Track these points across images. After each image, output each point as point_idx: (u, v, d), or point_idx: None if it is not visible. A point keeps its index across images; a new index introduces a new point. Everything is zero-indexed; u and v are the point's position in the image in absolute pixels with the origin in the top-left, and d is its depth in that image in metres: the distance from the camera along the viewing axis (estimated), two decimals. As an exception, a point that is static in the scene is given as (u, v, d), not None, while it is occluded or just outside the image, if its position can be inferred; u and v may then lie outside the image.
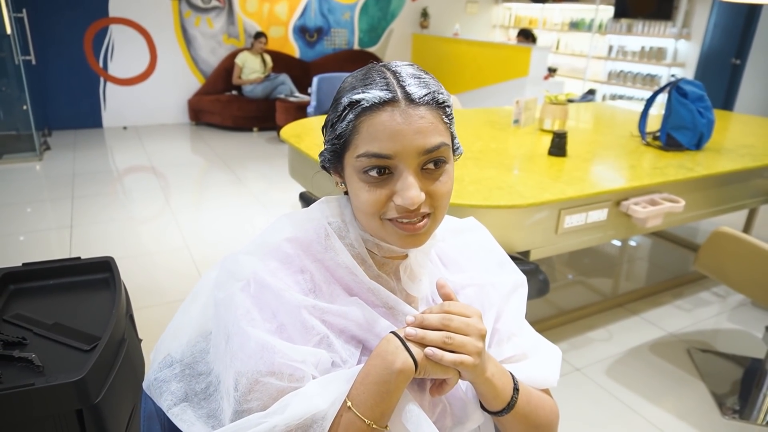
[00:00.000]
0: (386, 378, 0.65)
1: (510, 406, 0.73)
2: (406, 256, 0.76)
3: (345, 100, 0.68)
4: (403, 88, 0.66)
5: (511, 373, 0.76)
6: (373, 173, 0.66)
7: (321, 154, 0.74)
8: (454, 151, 0.73)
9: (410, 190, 0.65)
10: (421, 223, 0.68)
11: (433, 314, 0.69)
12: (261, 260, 0.71)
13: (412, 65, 0.70)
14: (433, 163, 0.67)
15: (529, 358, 0.82)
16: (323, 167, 0.75)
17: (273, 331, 0.67)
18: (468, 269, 0.85)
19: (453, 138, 0.72)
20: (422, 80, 0.68)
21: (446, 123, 0.69)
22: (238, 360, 0.64)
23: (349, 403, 0.65)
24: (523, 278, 0.89)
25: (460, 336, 0.67)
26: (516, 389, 0.74)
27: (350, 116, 0.67)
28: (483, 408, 0.75)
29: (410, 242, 0.70)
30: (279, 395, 0.64)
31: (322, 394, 0.64)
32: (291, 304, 0.68)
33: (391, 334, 0.68)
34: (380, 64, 0.71)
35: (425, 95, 0.66)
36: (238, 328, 0.66)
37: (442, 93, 0.69)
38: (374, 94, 0.65)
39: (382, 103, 0.65)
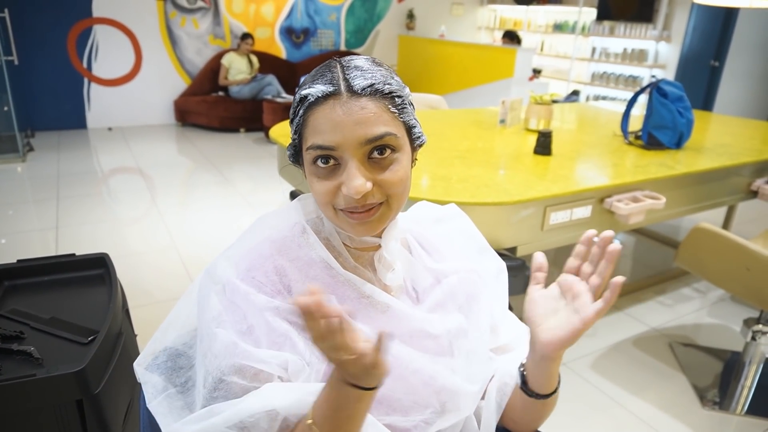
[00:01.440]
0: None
1: (559, 383, 0.78)
2: (380, 246, 0.77)
3: (297, 97, 0.71)
4: (346, 80, 0.68)
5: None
6: (320, 164, 0.69)
7: (287, 149, 0.77)
8: (413, 140, 0.74)
9: (353, 180, 0.66)
10: (370, 212, 0.70)
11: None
12: (236, 264, 0.73)
13: (366, 58, 0.73)
14: (379, 151, 0.69)
15: (524, 343, 0.85)
16: (290, 161, 0.78)
17: (243, 332, 0.68)
18: (450, 256, 0.86)
19: (411, 127, 0.73)
20: (367, 72, 0.69)
21: (393, 113, 0.70)
22: (207, 359, 0.67)
23: (309, 421, 0.64)
24: (503, 264, 0.91)
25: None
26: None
27: (301, 111, 0.70)
28: (532, 395, 0.77)
29: (363, 230, 0.71)
30: (243, 394, 0.65)
31: (279, 396, 0.65)
32: (256, 307, 0.69)
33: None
34: (337, 58, 0.73)
35: (367, 87, 0.68)
36: (208, 330, 0.68)
37: (388, 83, 0.69)
38: (318, 88, 0.68)
39: (325, 97, 0.67)
